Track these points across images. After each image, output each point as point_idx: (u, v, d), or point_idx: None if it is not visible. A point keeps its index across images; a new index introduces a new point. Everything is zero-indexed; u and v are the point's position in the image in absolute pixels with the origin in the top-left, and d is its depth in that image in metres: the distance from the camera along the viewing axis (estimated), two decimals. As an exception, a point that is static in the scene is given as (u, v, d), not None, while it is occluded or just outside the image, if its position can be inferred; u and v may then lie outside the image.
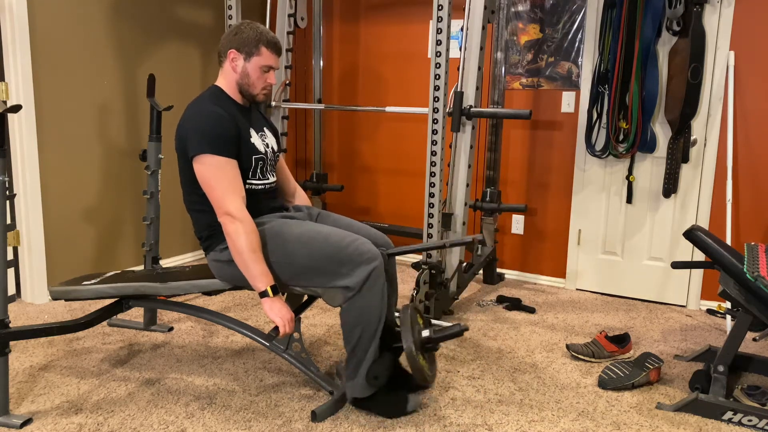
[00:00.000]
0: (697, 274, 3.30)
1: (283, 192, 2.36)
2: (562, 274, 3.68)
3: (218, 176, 1.95)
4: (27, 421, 1.97)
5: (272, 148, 2.21)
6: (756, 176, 3.13)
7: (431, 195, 2.81)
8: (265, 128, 2.22)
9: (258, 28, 2.07)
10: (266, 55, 2.07)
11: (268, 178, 2.16)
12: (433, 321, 2.84)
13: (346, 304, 1.96)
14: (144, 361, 2.47)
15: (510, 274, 3.82)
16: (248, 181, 2.08)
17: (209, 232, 2.09)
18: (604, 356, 2.56)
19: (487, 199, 3.42)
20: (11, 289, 3.05)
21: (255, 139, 2.11)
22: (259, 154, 2.11)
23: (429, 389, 2.22)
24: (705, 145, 3.20)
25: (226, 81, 2.11)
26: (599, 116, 3.37)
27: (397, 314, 2.11)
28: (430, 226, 2.84)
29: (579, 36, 3.42)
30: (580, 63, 3.44)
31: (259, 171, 2.11)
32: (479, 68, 2.82)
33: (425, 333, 2.01)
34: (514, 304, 3.22)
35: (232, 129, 1.99)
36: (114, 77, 3.37)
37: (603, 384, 2.32)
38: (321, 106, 3.48)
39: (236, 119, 2.04)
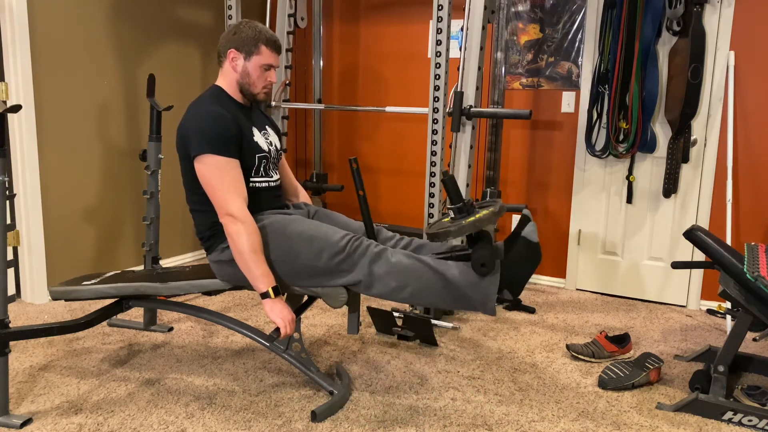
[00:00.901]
0: (697, 274, 3.30)
1: (285, 190, 2.36)
2: (562, 274, 3.68)
3: (220, 176, 1.95)
4: (27, 421, 1.97)
5: (275, 146, 2.22)
6: (756, 176, 3.13)
7: (431, 195, 2.81)
8: (267, 126, 2.23)
9: (257, 27, 2.07)
10: (266, 53, 2.07)
11: (271, 176, 2.16)
12: (434, 321, 2.84)
13: (377, 290, 1.93)
14: (144, 361, 2.47)
15: (510, 274, 3.82)
16: (251, 179, 2.08)
17: (211, 232, 2.09)
18: (604, 356, 2.56)
19: (487, 199, 3.42)
20: (11, 289, 3.05)
21: (258, 137, 2.11)
22: (263, 152, 2.11)
23: (529, 219, 1.99)
24: (705, 145, 3.20)
25: (227, 80, 2.11)
26: (599, 116, 3.37)
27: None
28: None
29: (579, 36, 3.42)
30: (580, 63, 3.44)
31: (262, 169, 2.11)
32: (479, 68, 2.82)
33: (451, 214, 1.91)
34: (514, 304, 3.22)
35: (233, 129, 1.99)
36: (114, 77, 3.37)
37: (603, 384, 2.32)
38: (321, 106, 3.48)
39: (238, 119, 2.04)
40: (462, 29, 2.88)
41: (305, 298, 2.38)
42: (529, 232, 1.92)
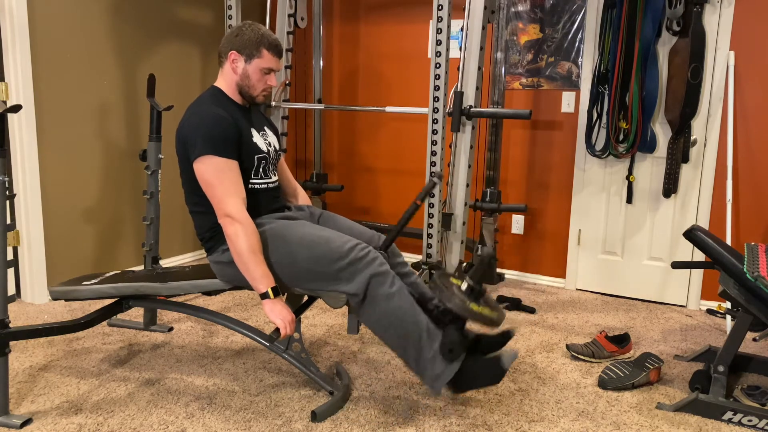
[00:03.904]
0: (697, 274, 3.30)
1: (284, 192, 2.36)
2: (562, 274, 3.68)
3: (219, 177, 1.95)
4: (27, 421, 1.97)
5: (274, 147, 2.22)
6: (756, 176, 3.13)
7: (431, 195, 2.81)
8: (265, 127, 2.23)
9: (260, 30, 2.07)
10: (267, 57, 2.07)
11: (270, 177, 2.16)
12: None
13: (364, 316, 1.95)
14: (144, 361, 2.47)
15: (510, 274, 3.82)
16: (251, 180, 2.08)
17: (211, 233, 2.09)
18: (604, 356, 2.56)
19: (487, 199, 3.42)
20: (11, 289, 3.05)
21: (257, 138, 2.11)
22: (262, 153, 2.11)
23: (513, 334, 2.08)
24: (705, 145, 3.20)
25: (226, 82, 2.11)
26: (599, 116, 3.37)
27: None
28: (430, 226, 2.84)
29: (579, 36, 3.42)
30: (580, 63, 3.44)
31: (261, 170, 2.11)
32: (479, 68, 2.82)
33: (464, 286, 1.93)
34: (514, 304, 3.22)
35: (232, 130, 1.99)
36: (114, 77, 3.37)
37: (603, 384, 2.32)
38: (321, 106, 3.48)
39: (237, 120, 2.04)
40: (462, 29, 2.88)
41: (305, 298, 2.38)
42: (507, 358, 1.94)
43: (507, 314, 3.13)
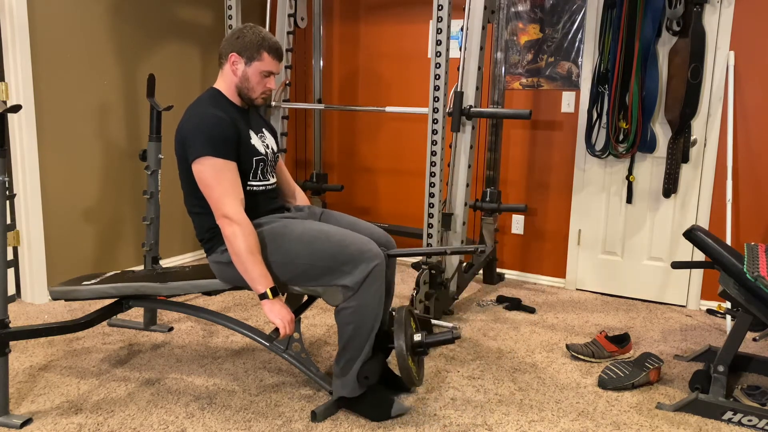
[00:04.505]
0: (697, 274, 3.30)
1: (282, 193, 2.36)
2: (562, 274, 3.68)
3: (217, 178, 1.95)
4: (27, 421, 1.98)
5: (272, 149, 2.22)
6: (756, 176, 3.13)
7: (431, 195, 2.81)
8: (264, 129, 2.22)
9: (260, 33, 2.07)
10: (267, 60, 2.07)
11: (268, 179, 2.16)
12: (434, 321, 2.84)
13: (344, 302, 1.97)
14: (144, 361, 2.47)
15: (510, 274, 3.82)
16: (249, 182, 2.08)
17: (210, 234, 2.09)
18: (604, 356, 2.56)
19: (487, 199, 3.42)
20: (11, 289, 3.05)
21: (255, 140, 2.11)
22: (260, 155, 2.11)
23: (412, 393, 2.23)
24: (705, 145, 3.20)
25: (226, 84, 2.11)
26: (599, 116, 3.37)
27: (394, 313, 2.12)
28: (430, 226, 2.84)
29: (579, 36, 3.42)
30: (580, 63, 3.44)
31: (259, 172, 2.11)
32: (479, 68, 2.82)
33: (417, 337, 2.04)
34: (514, 304, 3.22)
35: (231, 132, 1.99)
36: (114, 77, 3.37)
37: (603, 384, 2.32)
38: (321, 106, 3.48)
39: (235, 122, 2.03)
40: (462, 29, 2.88)
41: (305, 298, 2.38)
42: (397, 408, 2.07)
43: (507, 314, 3.13)
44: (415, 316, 2.17)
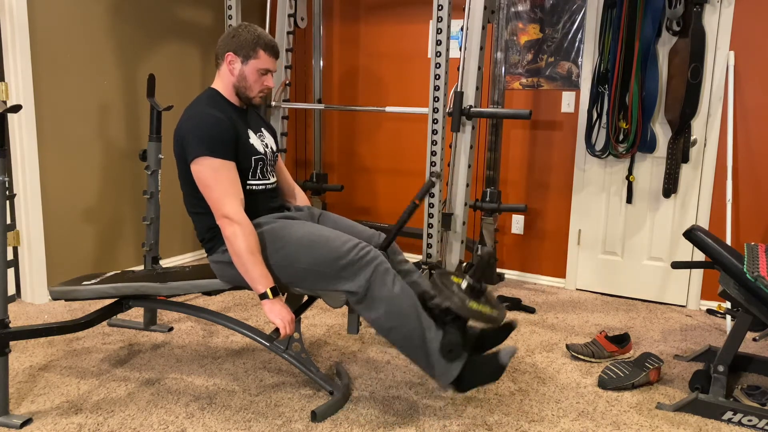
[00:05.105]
0: (697, 274, 3.30)
1: (282, 192, 2.36)
2: (562, 274, 3.68)
3: (216, 178, 1.95)
4: (27, 421, 1.97)
5: (271, 148, 2.22)
6: (756, 176, 3.13)
7: (431, 195, 2.81)
8: (263, 129, 2.22)
9: (256, 31, 2.07)
10: (264, 58, 2.07)
11: (268, 179, 2.16)
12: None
13: (366, 315, 1.94)
14: (144, 361, 2.47)
15: (510, 274, 3.82)
16: (248, 182, 2.07)
17: (211, 234, 2.09)
18: (604, 356, 2.56)
19: (487, 199, 3.42)
20: (11, 289, 3.05)
21: (254, 139, 2.11)
22: (259, 155, 2.11)
23: (515, 326, 2.08)
24: (705, 145, 3.20)
25: (223, 83, 2.11)
26: (599, 116, 3.37)
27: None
28: (430, 226, 2.84)
29: (579, 36, 3.42)
30: (580, 63, 3.44)
31: (259, 171, 2.11)
32: (479, 68, 2.82)
33: (463, 284, 1.94)
34: (514, 304, 3.22)
35: (230, 131, 1.99)
36: (114, 77, 3.37)
37: (603, 384, 2.32)
38: (321, 106, 3.48)
39: (234, 121, 2.03)
40: (462, 29, 2.88)
41: (305, 298, 2.38)
42: (505, 354, 1.95)
43: (507, 314, 3.12)
44: (447, 272, 2.07)
